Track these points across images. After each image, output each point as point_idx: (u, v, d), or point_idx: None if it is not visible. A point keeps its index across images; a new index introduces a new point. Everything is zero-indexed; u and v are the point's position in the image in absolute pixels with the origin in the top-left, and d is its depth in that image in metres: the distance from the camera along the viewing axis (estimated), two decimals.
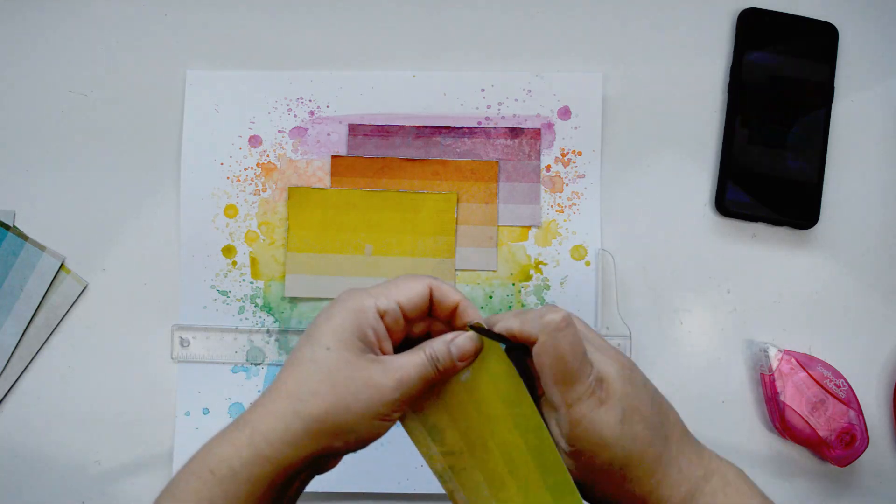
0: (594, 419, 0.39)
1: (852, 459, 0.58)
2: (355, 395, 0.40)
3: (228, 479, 0.40)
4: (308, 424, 0.40)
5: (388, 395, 0.40)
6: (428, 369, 0.41)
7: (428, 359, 0.41)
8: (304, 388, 0.40)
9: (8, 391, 0.62)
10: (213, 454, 0.41)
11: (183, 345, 0.61)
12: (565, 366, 0.39)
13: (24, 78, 0.63)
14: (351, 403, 0.40)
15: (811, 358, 0.59)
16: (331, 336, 0.40)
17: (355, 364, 0.40)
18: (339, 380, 0.40)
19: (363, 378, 0.40)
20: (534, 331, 0.40)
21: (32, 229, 0.62)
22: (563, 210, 0.62)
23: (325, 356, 0.40)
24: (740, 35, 0.62)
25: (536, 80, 0.62)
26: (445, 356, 0.42)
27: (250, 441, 0.40)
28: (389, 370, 0.40)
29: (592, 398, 0.40)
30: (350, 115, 0.63)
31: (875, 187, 0.62)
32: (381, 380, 0.40)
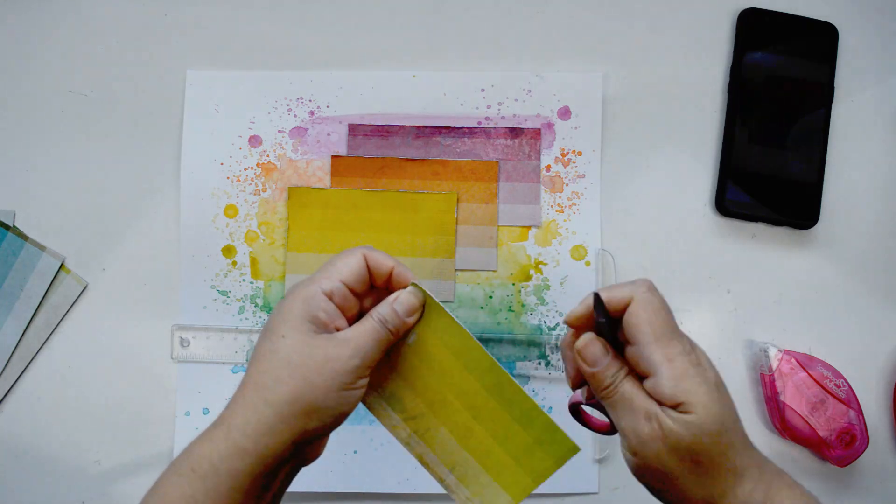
0: (695, 376, 0.40)
1: (852, 459, 0.58)
2: (317, 372, 0.41)
3: (210, 475, 0.41)
4: (279, 410, 0.41)
5: (347, 364, 0.42)
6: (380, 331, 0.43)
7: (377, 322, 0.43)
8: (267, 377, 0.41)
9: (8, 391, 0.62)
10: (193, 453, 0.42)
11: (183, 345, 0.61)
12: (665, 317, 0.41)
13: (24, 78, 0.63)
14: (314, 380, 0.41)
15: (811, 358, 0.59)
16: (283, 325, 0.42)
17: (310, 344, 0.42)
18: (298, 362, 0.41)
19: (320, 354, 0.41)
20: (626, 294, 0.41)
21: (32, 229, 0.62)
22: (563, 210, 0.62)
23: (282, 344, 0.42)
24: (740, 35, 0.62)
25: (536, 80, 0.62)
26: (392, 315, 0.44)
27: (227, 436, 0.41)
28: (343, 341, 0.42)
29: (692, 355, 0.40)
30: (350, 115, 0.63)
31: (875, 187, 0.62)
32: (337, 351, 0.42)
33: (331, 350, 0.42)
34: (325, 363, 0.41)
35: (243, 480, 0.41)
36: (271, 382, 0.41)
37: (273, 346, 0.42)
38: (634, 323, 0.41)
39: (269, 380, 0.41)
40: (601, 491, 0.61)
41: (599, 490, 0.61)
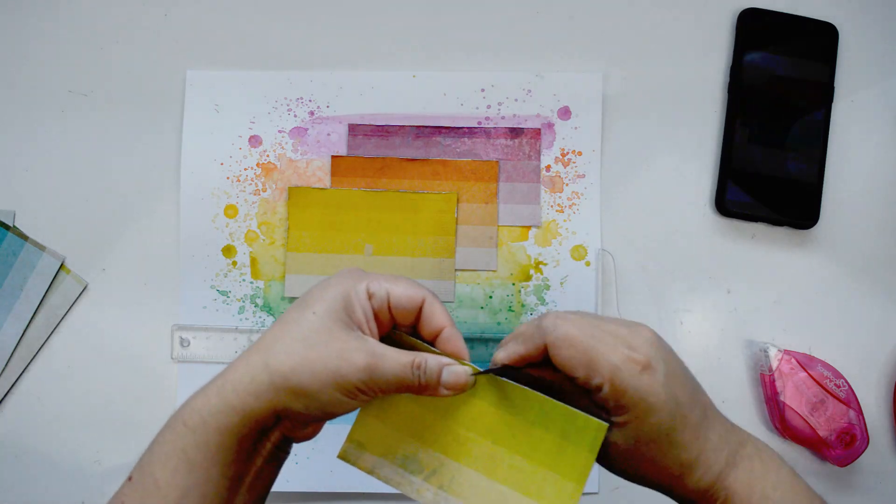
0: (638, 385, 0.39)
1: (852, 459, 0.58)
2: (323, 361, 0.40)
3: (199, 429, 0.41)
4: (273, 378, 0.40)
5: (353, 374, 0.40)
6: (407, 374, 0.41)
7: (413, 365, 0.41)
8: (279, 344, 0.41)
9: (8, 391, 0.62)
10: (187, 406, 0.42)
11: (183, 345, 0.61)
12: (585, 344, 0.40)
13: (24, 78, 0.63)
14: (317, 367, 0.40)
15: (811, 358, 0.59)
16: (320, 303, 0.41)
17: (335, 333, 0.41)
18: (314, 342, 0.40)
19: (337, 347, 0.40)
20: (539, 344, 0.41)
21: (32, 229, 0.62)
22: (563, 210, 0.62)
23: (310, 319, 0.41)
24: (740, 35, 0.62)
25: (536, 80, 0.62)
26: (434, 375, 0.42)
27: (220, 390, 0.41)
28: (366, 350, 0.40)
29: (631, 365, 0.40)
30: (350, 115, 0.63)
31: (875, 187, 0.62)
32: (354, 356, 0.40)
33: (349, 350, 0.40)
34: (334, 358, 0.40)
35: (230, 438, 0.41)
36: (280, 350, 0.40)
37: (299, 317, 0.41)
38: (561, 363, 0.41)
39: (279, 347, 0.41)
40: (601, 491, 0.61)
41: (599, 490, 0.61)
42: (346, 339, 0.40)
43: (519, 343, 0.42)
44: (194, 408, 0.41)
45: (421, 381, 0.41)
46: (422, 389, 0.42)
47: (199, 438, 0.41)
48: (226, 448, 0.41)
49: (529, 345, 0.42)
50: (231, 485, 0.41)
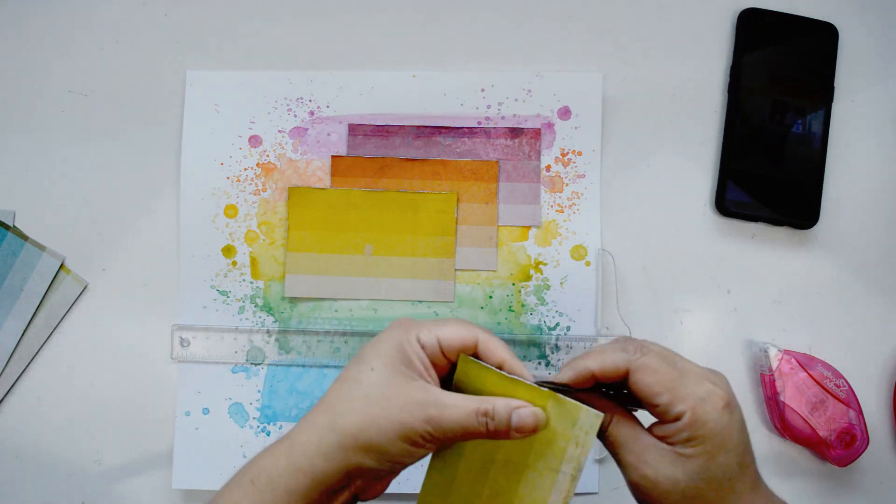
0: (718, 420, 0.40)
1: (852, 459, 0.58)
2: (388, 416, 0.40)
3: (267, 489, 0.41)
4: (341, 438, 0.40)
5: (419, 425, 0.40)
6: (473, 422, 0.41)
7: (478, 413, 0.41)
8: (342, 404, 0.41)
9: (8, 391, 0.62)
10: (255, 465, 0.42)
11: (183, 345, 0.61)
12: (670, 373, 0.40)
13: (24, 78, 0.63)
14: (382, 422, 0.40)
15: (811, 358, 0.59)
16: (376, 358, 0.42)
17: (396, 385, 0.41)
18: (376, 398, 0.41)
19: (400, 399, 0.40)
20: (620, 365, 0.41)
21: (32, 229, 0.62)
22: (563, 210, 0.62)
23: (369, 375, 0.41)
24: (740, 35, 0.62)
25: (536, 80, 0.62)
26: (503, 420, 0.41)
27: (288, 452, 0.41)
28: (428, 403, 0.40)
29: (715, 399, 0.40)
30: (350, 115, 0.63)
31: (875, 187, 0.62)
32: (417, 409, 0.40)
33: (410, 404, 0.40)
34: (397, 410, 0.40)
35: (297, 499, 0.41)
36: (344, 410, 0.41)
37: (358, 375, 0.42)
38: (641, 386, 0.41)
39: (343, 407, 0.41)
40: (601, 491, 0.61)
41: (599, 490, 0.61)
42: (408, 391, 0.41)
43: (593, 361, 0.42)
44: (262, 467, 0.41)
45: (490, 428, 0.41)
46: (491, 436, 0.41)
47: (265, 498, 0.41)
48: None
49: (608, 363, 0.41)
50: None
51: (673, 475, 0.40)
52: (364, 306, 0.62)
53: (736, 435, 0.40)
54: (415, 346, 0.42)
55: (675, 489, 0.40)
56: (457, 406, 0.41)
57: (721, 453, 0.40)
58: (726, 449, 0.40)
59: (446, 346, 0.42)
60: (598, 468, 0.61)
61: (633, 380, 0.41)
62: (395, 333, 0.43)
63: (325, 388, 0.60)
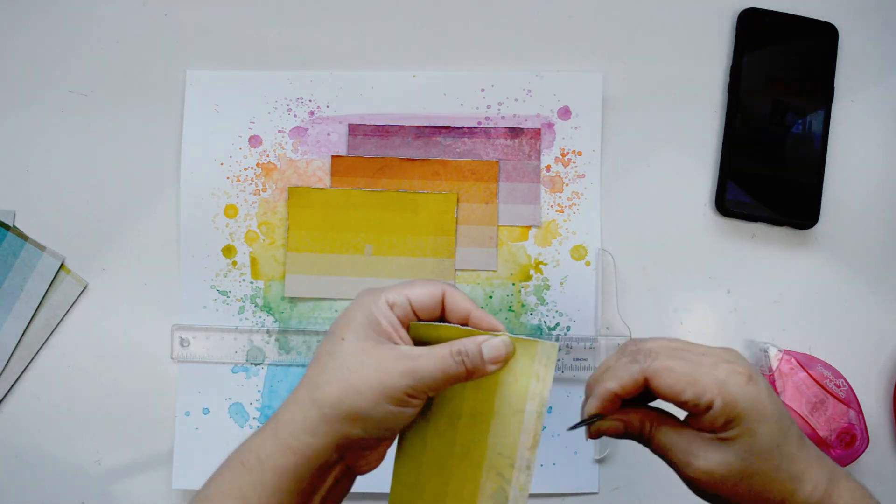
0: (746, 395, 0.40)
1: (852, 459, 0.58)
2: (366, 379, 0.41)
3: (256, 469, 0.41)
4: (324, 411, 0.41)
5: (398, 381, 0.41)
6: (450, 364, 0.42)
7: (454, 353, 0.42)
8: (320, 377, 0.42)
9: (8, 391, 0.62)
10: (244, 447, 0.43)
11: (183, 345, 0.61)
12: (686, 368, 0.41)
13: (24, 78, 0.63)
14: (362, 387, 0.40)
15: (811, 358, 0.59)
16: (345, 329, 0.42)
17: (368, 350, 0.41)
18: (351, 365, 0.41)
19: (374, 362, 0.41)
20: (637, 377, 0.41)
21: (32, 229, 0.62)
22: (563, 210, 0.62)
23: (340, 346, 0.42)
24: (740, 35, 0.62)
25: (536, 80, 0.62)
26: (475, 354, 0.42)
27: (275, 432, 0.42)
28: (402, 356, 0.41)
29: (736, 377, 0.40)
30: (350, 115, 0.63)
31: (875, 187, 0.62)
32: (392, 365, 0.41)
33: (385, 361, 0.41)
34: (375, 373, 0.41)
35: (287, 478, 0.41)
36: (322, 383, 0.41)
37: (331, 348, 0.42)
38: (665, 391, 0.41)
39: (321, 380, 0.41)
40: (601, 491, 0.61)
41: (599, 490, 0.61)
42: (381, 352, 0.41)
43: (613, 382, 0.42)
44: (251, 448, 0.42)
45: (467, 366, 0.42)
46: (470, 375, 0.42)
47: (255, 478, 0.41)
48: (283, 489, 0.41)
49: (626, 380, 0.42)
50: None
51: (724, 460, 0.40)
52: None
53: (768, 403, 0.40)
54: (384, 309, 0.43)
55: (730, 473, 0.40)
56: (431, 354, 0.41)
57: (761, 425, 0.40)
58: (764, 419, 0.40)
59: (416, 302, 0.43)
60: (598, 468, 0.61)
61: (654, 386, 0.41)
62: (361, 301, 0.43)
63: None
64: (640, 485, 0.61)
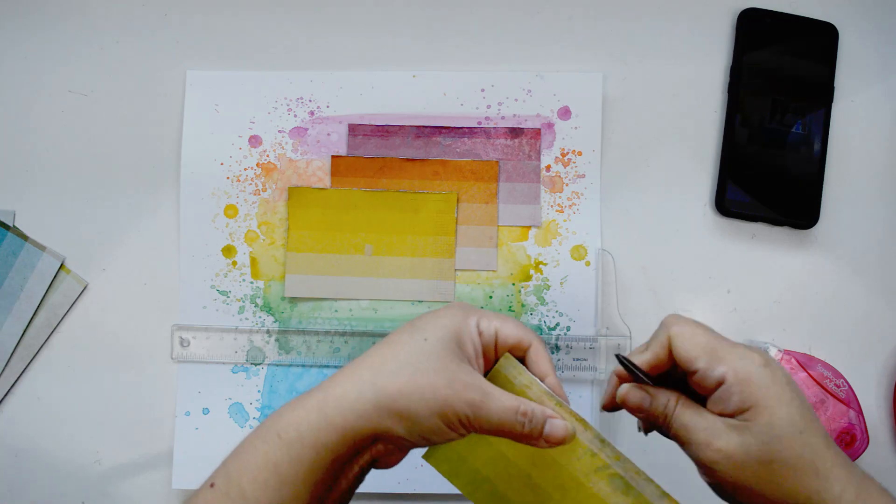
0: (762, 375, 0.39)
1: (852, 459, 0.58)
2: (433, 388, 0.40)
3: (295, 443, 0.40)
4: (379, 398, 0.40)
5: (460, 406, 0.40)
6: (512, 420, 0.41)
7: (519, 412, 0.41)
8: (388, 365, 0.41)
9: (8, 391, 0.62)
10: (282, 418, 0.41)
11: (183, 345, 0.61)
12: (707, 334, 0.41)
13: (24, 78, 0.63)
14: (426, 393, 0.40)
15: (811, 358, 0.59)
16: (432, 330, 0.41)
17: (446, 362, 0.40)
18: (423, 368, 0.40)
19: (447, 376, 0.40)
20: (663, 340, 0.42)
21: (32, 229, 0.62)
22: (563, 210, 0.62)
23: (421, 344, 0.41)
24: (740, 35, 0.62)
25: (536, 80, 0.62)
26: (537, 425, 0.41)
27: (320, 406, 0.40)
28: (476, 386, 0.40)
29: (753, 356, 0.40)
30: (350, 115, 0.63)
31: (875, 187, 0.62)
32: (463, 389, 0.40)
33: (457, 382, 0.40)
34: (443, 386, 0.40)
35: (326, 456, 0.40)
36: (388, 371, 0.40)
37: (409, 340, 0.41)
38: (686, 355, 0.41)
39: (387, 368, 0.40)
40: None
41: None
42: (457, 371, 0.40)
43: (647, 352, 0.43)
44: (291, 421, 0.40)
45: (524, 430, 0.41)
46: (522, 438, 0.41)
47: (293, 453, 0.40)
48: (320, 466, 0.40)
49: (656, 346, 0.42)
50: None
51: (744, 442, 0.39)
52: (364, 306, 0.62)
53: (787, 387, 0.40)
54: (473, 331, 0.42)
55: (749, 456, 0.39)
56: (501, 399, 0.40)
57: (779, 406, 0.39)
58: (783, 401, 0.39)
59: (502, 340, 0.43)
60: None
61: (674, 346, 0.41)
62: (455, 312, 0.42)
63: None
64: None
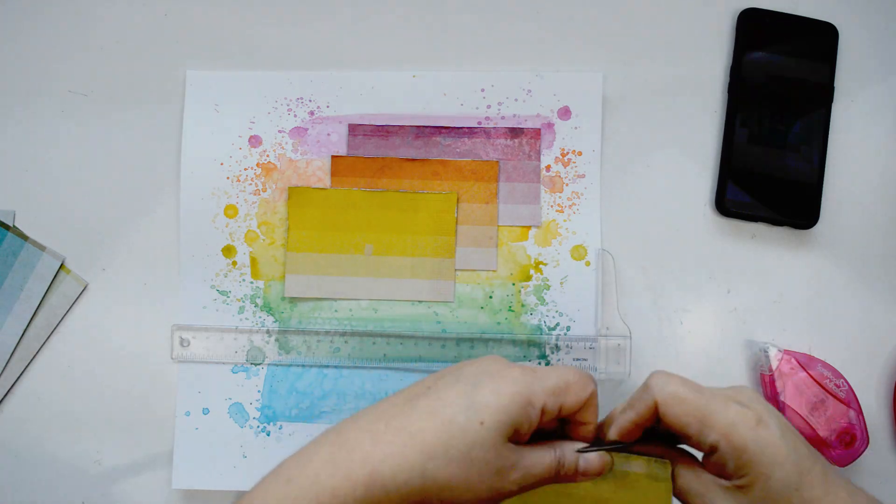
0: (757, 439, 0.39)
1: (852, 459, 0.58)
2: (481, 478, 0.39)
3: None
4: (426, 484, 0.39)
5: (508, 487, 0.40)
6: (551, 471, 0.41)
7: (555, 461, 0.41)
8: (441, 452, 0.39)
9: (8, 391, 0.62)
10: (322, 484, 0.39)
11: (183, 345, 0.61)
12: (696, 401, 0.40)
13: (24, 78, 0.63)
14: (475, 483, 0.39)
15: (811, 358, 0.59)
16: (491, 414, 0.39)
17: (498, 451, 0.39)
18: (476, 458, 0.39)
19: (497, 465, 0.39)
20: (649, 403, 0.41)
21: (32, 229, 0.62)
22: (563, 210, 0.62)
23: (477, 430, 0.39)
24: (740, 35, 0.62)
25: (536, 80, 0.62)
26: (571, 465, 0.42)
27: (368, 483, 0.39)
28: (521, 467, 0.40)
29: (745, 419, 0.39)
30: (350, 115, 0.63)
31: (875, 187, 0.62)
32: (511, 474, 0.40)
33: (506, 469, 0.40)
34: (492, 476, 0.39)
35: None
36: (442, 459, 0.39)
37: (466, 425, 0.39)
38: (675, 422, 0.40)
39: (441, 455, 0.39)
40: None
41: None
42: (506, 457, 0.40)
43: (630, 411, 0.42)
44: (335, 492, 0.39)
45: (560, 473, 0.42)
46: (564, 480, 0.42)
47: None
48: None
49: (640, 407, 0.41)
50: None
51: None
52: (364, 306, 0.62)
53: (782, 446, 0.39)
54: (535, 414, 0.40)
55: None
56: (541, 462, 0.41)
57: (776, 469, 0.39)
58: (779, 463, 0.39)
59: (566, 410, 0.42)
60: None
61: (662, 414, 0.40)
62: (520, 390, 0.40)
63: (326, 388, 0.61)
64: None
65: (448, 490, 0.39)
